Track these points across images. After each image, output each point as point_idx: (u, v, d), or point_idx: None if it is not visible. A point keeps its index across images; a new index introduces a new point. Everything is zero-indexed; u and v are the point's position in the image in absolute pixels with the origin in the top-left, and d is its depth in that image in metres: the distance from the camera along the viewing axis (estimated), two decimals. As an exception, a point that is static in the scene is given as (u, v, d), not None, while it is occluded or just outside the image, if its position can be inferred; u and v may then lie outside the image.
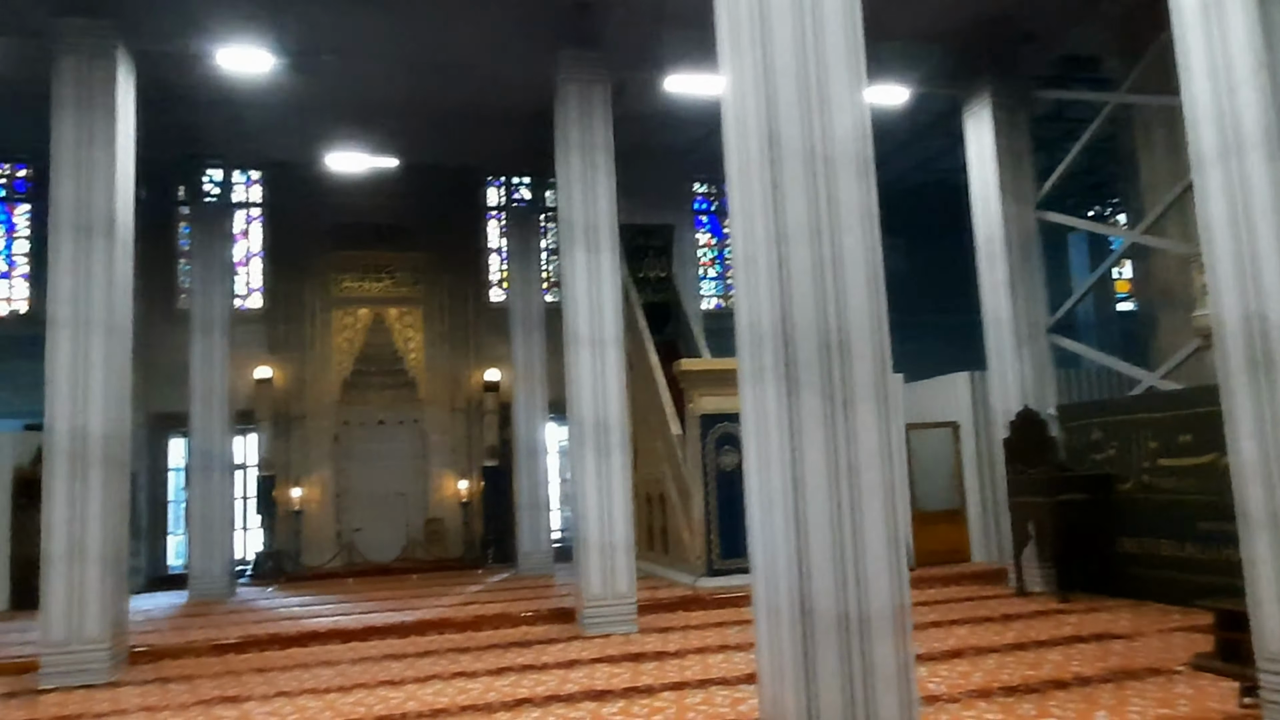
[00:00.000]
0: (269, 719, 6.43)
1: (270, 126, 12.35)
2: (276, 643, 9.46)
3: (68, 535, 8.12)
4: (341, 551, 15.48)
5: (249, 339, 15.36)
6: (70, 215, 8.32)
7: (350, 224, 16.22)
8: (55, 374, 8.25)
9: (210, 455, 13.45)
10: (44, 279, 15.33)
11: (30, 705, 7.37)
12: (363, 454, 16.04)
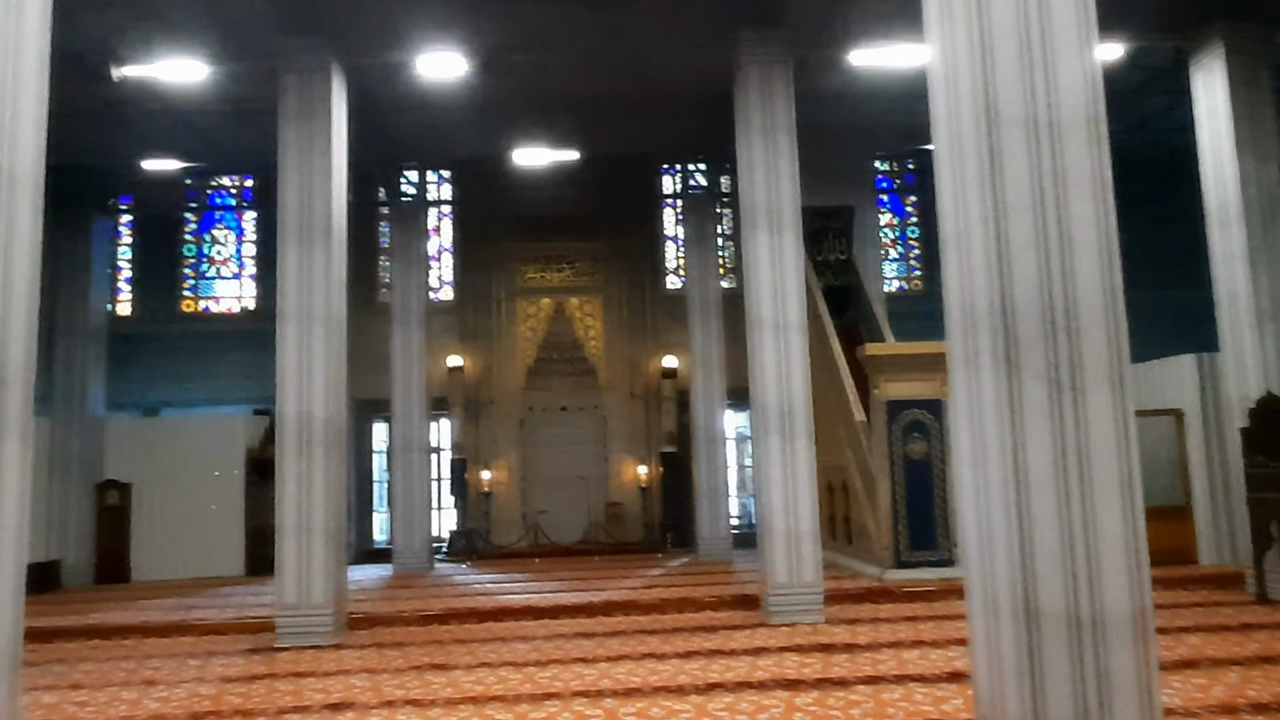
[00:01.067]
0: (475, 687, 6.80)
1: (461, 128, 13.00)
2: (475, 616, 10.03)
3: (296, 510, 8.92)
4: (528, 532, 16.18)
5: (442, 329, 16.32)
6: (294, 219, 9.11)
7: (532, 217, 16.87)
8: (284, 364, 9.07)
9: (410, 439, 14.43)
10: (269, 279, 17.05)
11: (270, 661, 8.19)
12: (546, 439, 16.68)
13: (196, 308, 17.31)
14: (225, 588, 13.29)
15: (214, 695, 6.94)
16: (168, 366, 16.58)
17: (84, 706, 6.75)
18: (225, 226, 17.50)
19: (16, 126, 4.04)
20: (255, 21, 9.23)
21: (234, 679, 7.50)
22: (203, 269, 17.41)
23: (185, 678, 7.70)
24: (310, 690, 6.93)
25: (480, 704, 6.30)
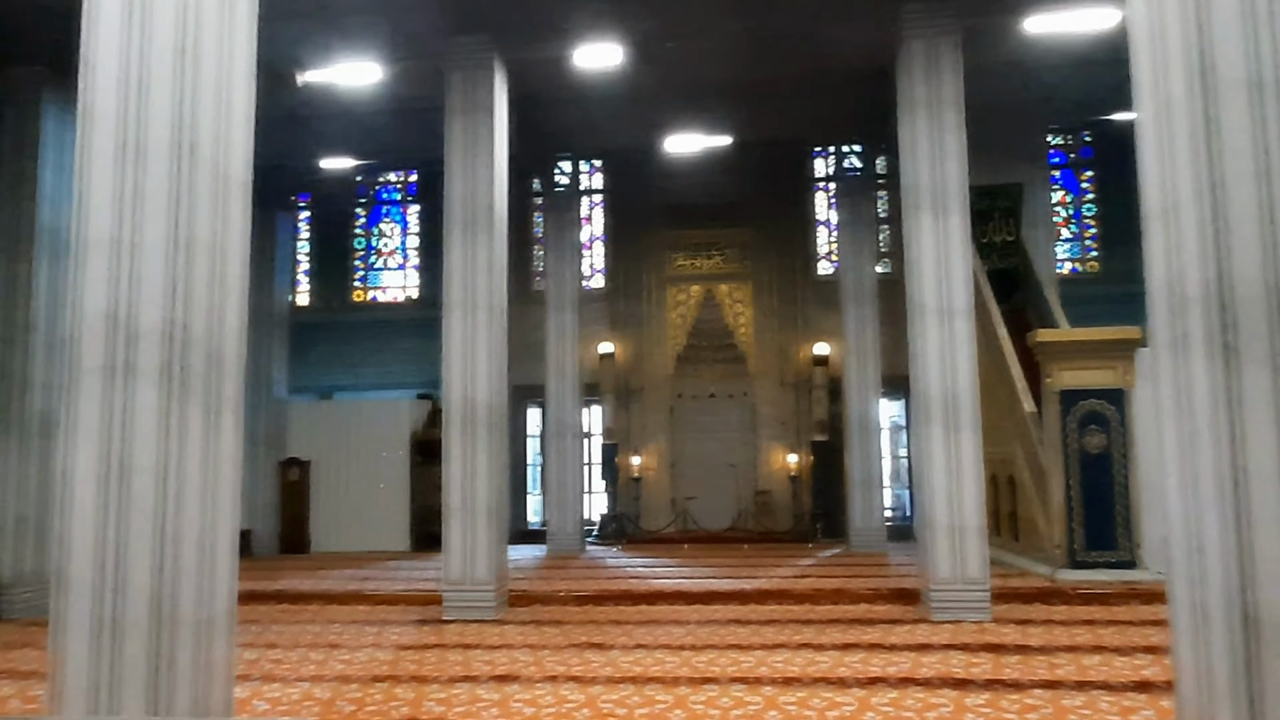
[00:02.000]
0: (634, 668, 6.91)
1: (613, 118, 13.17)
2: (629, 599, 10.20)
3: (461, 491, 9.34)
4: (677, 518, 16.30)
5: (593, 316, 16.63)
6: (459, 212, 9.50)
7: (682, 204, 16.91)
8: (450, 350, 9.49)
9: (563, 424, 14.82)
10: (432, 269, 17.91)
11: (438, 632, 8.63)
12: (695, 425, 16.73)
13: (365, 297, 18.42)
14: (393, 561, 14.13)
15: (391, 661, 7.38)
16: (340, 353, 17.74)
17: (279, 664, 7.34)
18: (391, 220, 18.51)
19: (230, 132, 4.39)
20: (424, 23, 9.65)
21: (407, 647, 7.96)
22: (371, 260, 18.50)
23: (364, 643, 8.24)
24: (478, 662, 7.25)
25: (640, 684, 6.39)
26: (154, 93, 4.13)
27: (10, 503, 10.02)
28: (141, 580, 3.93)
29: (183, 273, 4.09)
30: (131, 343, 4.03)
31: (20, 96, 10.33)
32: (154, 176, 4.10)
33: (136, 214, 4.08)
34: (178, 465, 4.03)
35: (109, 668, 3.91)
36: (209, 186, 4.25)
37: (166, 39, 4.16)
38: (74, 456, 4.02)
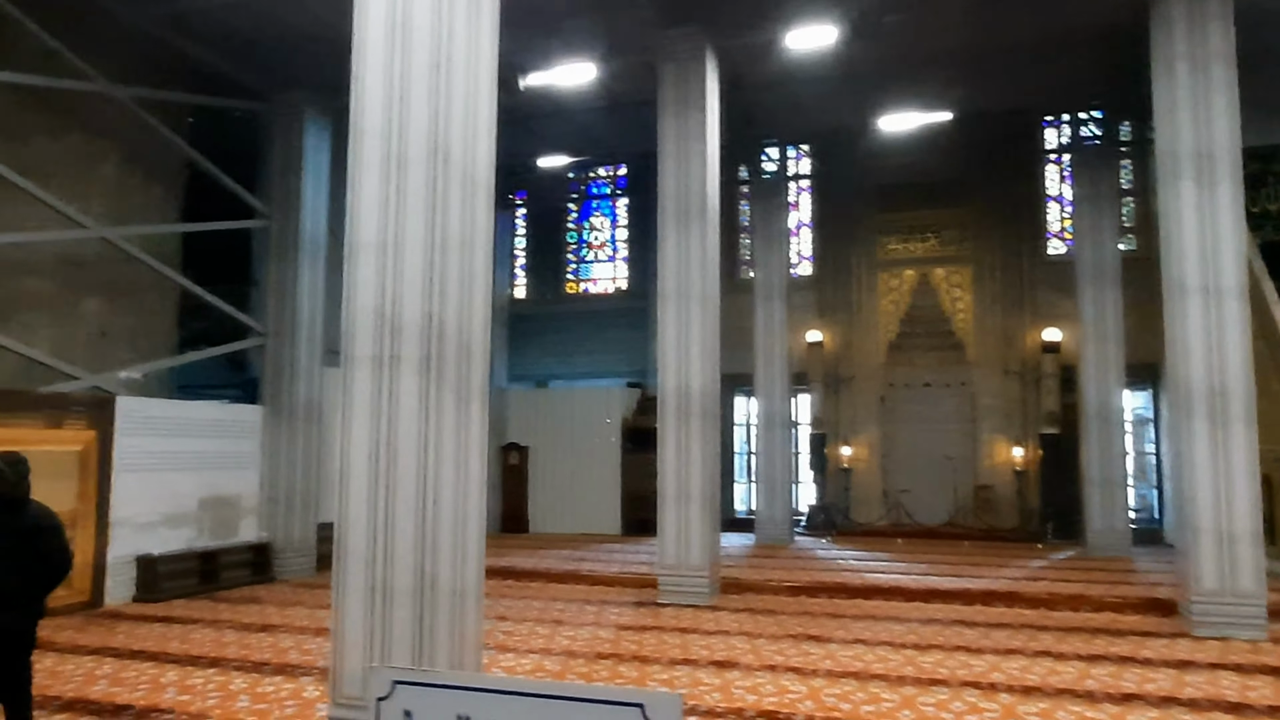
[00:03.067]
0: (854, 663, 6.74)
1: (823, 100, 12.84)
2: (843, 591, 9.97)
3: (676, 478, 9.50)
4: (890, 511, 15.73)
5: (801, 304, 16.35)
6: (673, 203, 9.63)
7: (894, 185, 16.23)
8: (665, 341, 9.66)
9: (772, 413, 14.70)
10: (640, 260, 18.33)
11: (655, 615, 8.85)
12: (908, 416, 16.05)
13: (577, 289, 19.16)
14: (605, 544, 14.63)
15: (612, 640, 7.65)
16: (554, 343, 18.55)
17: (510, 635, 7.83)
18: (601, 214, 19.13)
19: (476, 139, 4.70)
20: (636, 20, 9.85)
21: (626, 627, 8.22)
22: (582, 254, 19.22)
23: (585, 621, 8.60)
24: (696, 646, 7.36)
25: (863, 680, 6.23)
26: (413, 106, 4.48)
27: (282, 478, 11.36)
28: (406, 551, 4.31)
29: (438, 270, 4.43)
30: (396, 334, 4.41)
31: (286, 119, 11.61)
32: (413, 182, 4.46)
33: (399, 218, 4.45)
34: (435, 447, 4.37)
35: (380, 628, 4.32)
36: (459, 189, 4.57)
37: (423, 56, 4.51)
38: (349, 437, 4.46)
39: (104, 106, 9.95)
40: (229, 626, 8.21)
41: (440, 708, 1.12)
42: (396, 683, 1.15)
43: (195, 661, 6.81)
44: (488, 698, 1.13)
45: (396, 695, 1.16)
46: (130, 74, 10.01)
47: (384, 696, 1.16)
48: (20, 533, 4.39)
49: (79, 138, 10.07)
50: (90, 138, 10.18)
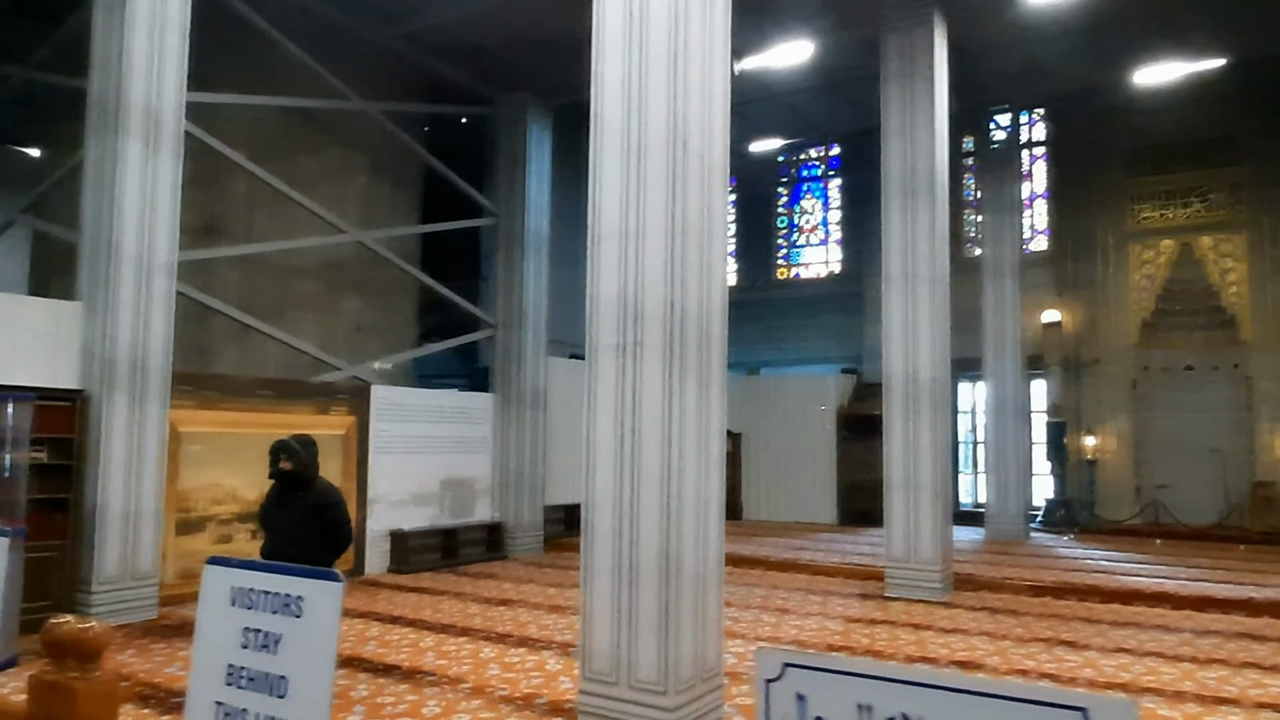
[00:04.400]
0: (1120, 674, 6.13)
1: (1063, 57, 11.73)
2: (1096, 594, 9.12)
3: (904, 467, 9.08)
4: (1145, 509, 14.23)
5: (1035, 282, 15.11)
6: (897, 179, 9.18)
7: (1149, 146, 14.57)
8: (890, 324, 9.24)
9: (1004, 400, 13.72)
10: (854, 242, 17.73)
11: (883, 608, 8.51)
12: (1166, 403, 14.41)
13: (788, 274, 18.84)
14: (822, 534, 14.29)
15: (842, 632, 7.43)
16: (766, 330, 18.35)
17: (737, 622, 7.81)
18: (812, 196, 18.67)
19: (712, 125, 4.66)
20: (857, -10, 9.46)
21: (855, 619, 7.96)
22: (793, 238, 18.86)
23: (811, 611, 8.42)
24: (933, 643, 6.99)
25: (1133, 694, 5.63)
26: (651, 95, 4.51)
27: (512, 462, 12.02)
28: (652, 534, 4.37)
29: (678, 257, 4.43)
30: (638, 322, 4.47)
31: (511, 121, 12.23)
32: (653, 171, 4.49)
33: (640, 207, 4.50)
34: (679, 432, 4.39)
35: (628, 609, 4.41)
36: (697, 176, 4.55)
37: (661, 47, 4.52)
38: (595, 423, 4.58)
39: (355, 121, 10.93)
40: (472, 599, 8.79)
41: (838, 695, 1.06)
42: (788, 665, 1.09)
43: (447, 630, 7.34)
44: (894, 688, 1.05)
45: (788, 678, 1.10)
46: (376, 89, 10.93)
47: (773, 679, 1.10)
48: (312, 508, 4.89)
49: (336, 152, 11.13)
50: (345, 151, 11.22)
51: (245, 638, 1.39)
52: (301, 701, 1.28)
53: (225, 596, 1.43)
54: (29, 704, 1.62)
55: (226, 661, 1.40)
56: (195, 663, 1.46)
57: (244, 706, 1.36)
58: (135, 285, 7.35)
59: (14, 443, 6.33)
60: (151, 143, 7.48)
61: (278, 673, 1.34)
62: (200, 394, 8.53)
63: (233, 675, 1.39)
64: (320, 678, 1.26)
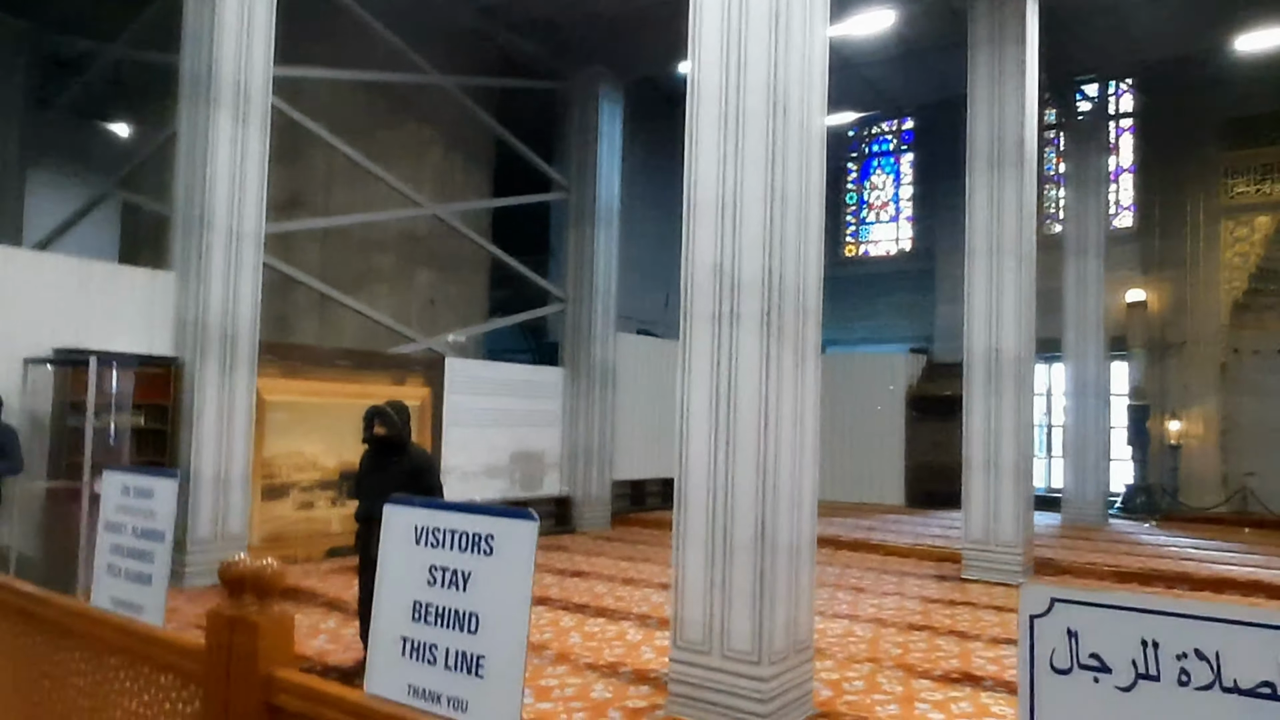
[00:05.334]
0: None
1: (1157, 24, 11.23)
2: (1185, 582, 8.83)
3: (984, 447, 8.88)
4: (1233, 496, 13.70)
5: (1119, 260, 14.57)
6: (984, 149, 8.91)
7: (1246, 118, 13.88)
8: (973, 300, 9.01)
9: (1084, 381, 13.31)
10: (926, 219, 17.33)
11: (961, 590, 8.36)
12: (1258, 387, 13.81)
13: (856, 251, 18.51)
14: (891, 515, 14.09)
15: (922, 612, 7.32)
16: (833, 308, 17.96)
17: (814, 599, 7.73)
18: (883, 171, 18.28)
19: (811, 91, 4.56)
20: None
21: (933, 600, 7.83)
22: (862, 215, 18.51)
23: (886, 590, 8.32)
24: (1019, 627, 6.83)
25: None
26: (751, 60, 4.42)
27: (580, 436, 12.08)
28: (747, 506, 4.32)
29: (777, 225, 4.35)
30: (735, 291, 4.41)
31: (583, 95, 12.19)
32: (752, 138, 4.40)
33: (738, 174, 4.42)
34: (775, 404, 4.33)
35: (721, 580, 4.38)
36: (797, 143, 4.45)
37: (761, 11, 4.42)
38: (690, 393, 4.54)
39: (431, 96, 11.01)
40: (545, 570, 8.87)
41: (1115, 631, 1.00)
42: (1055, 600, 1.04)
43: (526, 599, 7.41)
44: (1183, 623, 0.99)
45: (1055, 613, 1.05)
46: (451, 64, 10.98)
47: (1040, 614, 1.06)
48: (407, 472, 4.96)
49: (412, 127, 11.24)
50: (421, 126, 11.33)
51: (432, 575, 1.39)
52: (495, 637, 1.28)
53: (408, 535, 1.44)
54: (208, 638, 1.65)
55: (412, 599, 1.41)
56: (379, 600, 1.48)
57: (433, 641, 1.36)
58: (225, 255, 7.54)
59: (118, 407, 6.56)
60: (241, 115, 7.64)
61: (468, 609, 1.34)
62: (284, 363, 8.73)
63: (419, 612, 1.39)
64: (515, 613, 1.25)
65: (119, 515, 2.04)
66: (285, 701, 1.55)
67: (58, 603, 1.98)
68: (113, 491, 2.08)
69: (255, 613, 1.59)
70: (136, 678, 1.84)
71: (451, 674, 1.35)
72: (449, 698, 1.35)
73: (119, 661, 1.92)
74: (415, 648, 1.40)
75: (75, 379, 6.66)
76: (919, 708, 4.81)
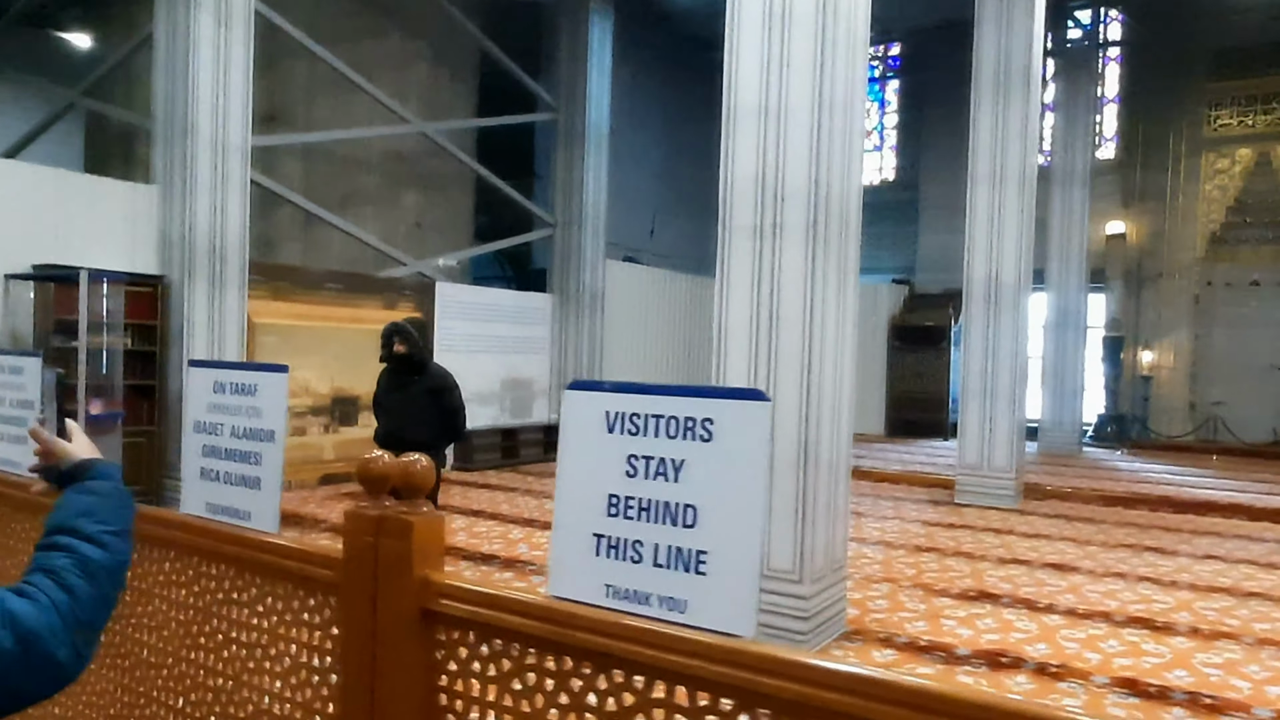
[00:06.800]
0: (1218, 579, 6.09)
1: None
2: (1167, 505, 9.08)
3: (981, 374, 8.93)
4: (1201, 425, 14.09)
5: (1101, 192, 14.60)
6: (990, 72, 8.73)
7: (1234, 47, 13.83)
8: (974, 226, 8.93)
9: (1065, 312, 13.45)
10: (911, 149, 17.15)
11: (958, 514, 8.49)
12: (1228, 319, 14.10)
13: (838, 182, 18.31)
14: (872, 443, 14.25)
15: (925, 535, 7.42)
16: (813, 238, 17.89)
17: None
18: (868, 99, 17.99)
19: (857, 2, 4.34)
20: None
21: (933, 524, 7.95)
22: (844, 145, 18.26)
23: (885, 514, 8.42)
24: (1020, 547, 6.97)
25: (1239, 598, 5.60)
26: (801, -46, 4.18)
27: (570, 364, 11.94)
28: (790, 424, 4.25)
29: (825, 133, 4.18)
30: (779, 203, 4.25)
31: (572, 11, 11.68)
32: (799, 42, 4.19)
33: (783, 78, 4.22)
34: (820, 320, 4.22)
35: (761, 499, 4.32)
36: (845, 46, 4.26)
37: (813, -104, 4.16)
38: (728, 308, 4.41)
39: (416, 6, 10.46)
40: (543, 495, 8.82)
41: None
42: None
43: (531, 524, 7.37)
44: None
45: None
46: (436, -28, 10.43)
47: None
48: (428, 391, 4.80)
49: (397, 40, 10.70)
50: (406, 39, 10.79)
51: (631, 465, 1.26)
52: (721, 530, 1.16)
53: (598, 422, 1.30)
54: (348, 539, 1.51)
55: (606, 492, 1.28)
56: (560, 496, 1.34)
57: (636, 537, 1.24)
58: (211, 168, 7.14)
59: (109, 327, 6.25)
60: (223, 18, 7.15)
61: (683, 501, 1.21)
62: (272, 285, 8.41)
63: (616, 505, 1.27)
64: (748, 504, 1.13)
65: (213, 415, 1.88)
66: (447, 607, 1.42)
67: (148, 514, 1.82)
68: (201, 389, 1.92)
69: (407, 512, 1.46)
70: (259, 594, 1.70)
71: (664, 571, 1.23)
72: (661, 597, 1.24)
73: (224, 572, 1.78)
74: (612, 545, 1.28)
75: (60, 297, 6.31)
76: (945, 624, 4.87)
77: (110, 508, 1.11)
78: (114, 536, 1.07)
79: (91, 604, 0.97)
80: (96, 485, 1.15)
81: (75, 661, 0.93)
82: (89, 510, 1.09)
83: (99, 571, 1.00)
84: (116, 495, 1.15)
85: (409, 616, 1.46)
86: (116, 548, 1.07)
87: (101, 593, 1.00)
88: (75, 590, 0.96)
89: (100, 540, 1.04)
